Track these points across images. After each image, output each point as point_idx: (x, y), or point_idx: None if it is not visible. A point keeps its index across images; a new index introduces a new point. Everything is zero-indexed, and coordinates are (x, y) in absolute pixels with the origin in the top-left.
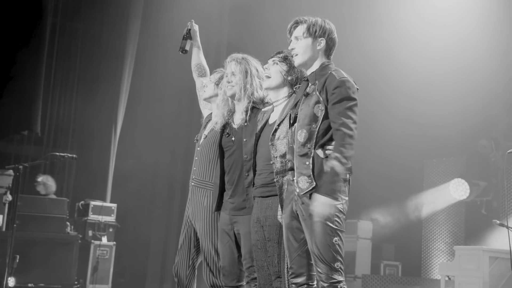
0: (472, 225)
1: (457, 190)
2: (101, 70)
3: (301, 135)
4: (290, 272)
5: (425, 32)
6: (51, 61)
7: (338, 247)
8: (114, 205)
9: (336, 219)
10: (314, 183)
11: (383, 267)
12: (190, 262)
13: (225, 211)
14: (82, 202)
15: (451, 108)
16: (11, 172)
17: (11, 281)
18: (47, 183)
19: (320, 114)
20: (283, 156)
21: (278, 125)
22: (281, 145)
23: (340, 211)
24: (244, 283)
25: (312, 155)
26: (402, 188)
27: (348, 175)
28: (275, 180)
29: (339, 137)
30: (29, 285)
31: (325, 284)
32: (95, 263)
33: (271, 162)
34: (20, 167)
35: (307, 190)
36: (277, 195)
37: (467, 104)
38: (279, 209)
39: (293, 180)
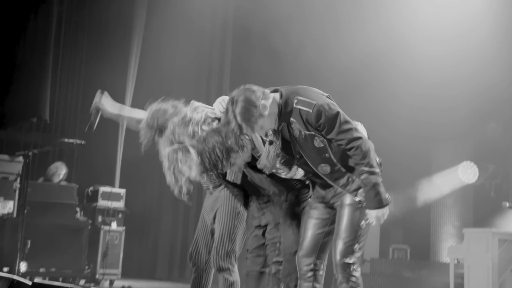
0: (481, 208)
1: (465, 173)
2: (108, 58)
3: (324, 169)
4: (299, 251)
5: (430, 11)
6: (58, 49)
7: (362, 231)
8: (123, 191)
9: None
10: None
11: (391, 250)
12: (208, 250)
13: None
14: (91, 188)
15: (459, 91)
16: (20, 159)
17: (23, 266)
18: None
19: (324, 144)
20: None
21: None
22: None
23: None
24: (266, 269)
25: (346, 172)
26: (410, 171)
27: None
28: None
29: (354, 152)
30: (41, 270)
31: (339, 264)
32: (105, 248)
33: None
34: (30, 153)
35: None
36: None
37: (475, 87)
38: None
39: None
